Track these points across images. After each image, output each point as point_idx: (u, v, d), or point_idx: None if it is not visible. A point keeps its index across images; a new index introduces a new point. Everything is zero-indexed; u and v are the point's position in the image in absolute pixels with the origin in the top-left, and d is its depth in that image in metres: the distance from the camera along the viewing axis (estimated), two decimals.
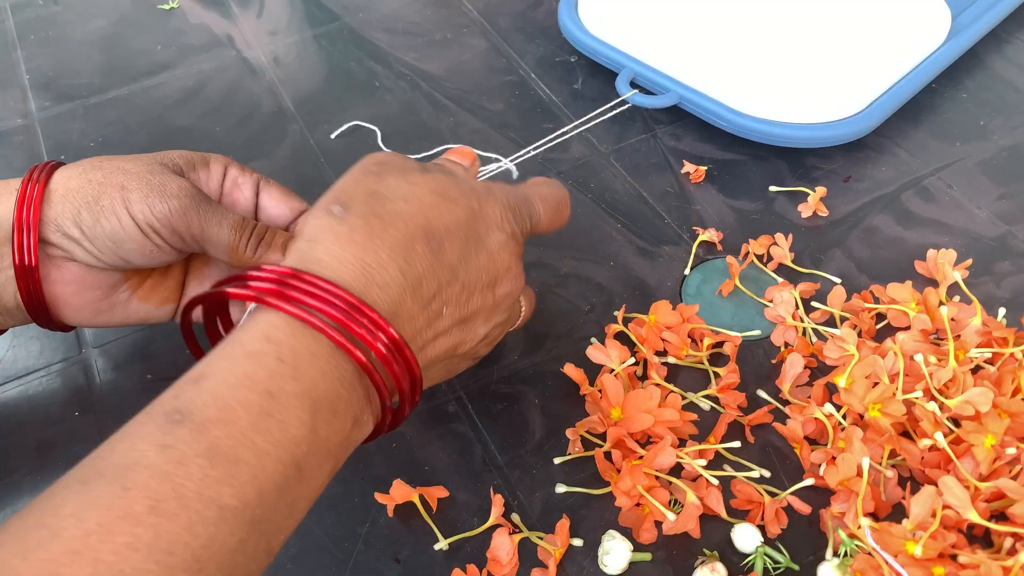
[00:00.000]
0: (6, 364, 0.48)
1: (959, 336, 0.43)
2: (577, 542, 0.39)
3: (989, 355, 0.42)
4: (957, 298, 0.46)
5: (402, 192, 0.34)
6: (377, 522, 0.40)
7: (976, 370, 0.42)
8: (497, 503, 0.39)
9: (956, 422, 0.40)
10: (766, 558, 0.37)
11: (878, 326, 0.46)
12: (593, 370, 0.44)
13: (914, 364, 0.41)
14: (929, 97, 0.61)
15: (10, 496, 0.42)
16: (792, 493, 0.39)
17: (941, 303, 0.45)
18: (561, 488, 0.41)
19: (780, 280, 0.49)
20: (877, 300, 0.47)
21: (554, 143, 0.56)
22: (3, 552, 0.24)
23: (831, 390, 0.43)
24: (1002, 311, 0.46)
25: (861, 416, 0.41)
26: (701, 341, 0.46)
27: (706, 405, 0.44)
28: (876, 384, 0.41)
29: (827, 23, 0.60)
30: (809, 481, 0.40)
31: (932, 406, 0.39)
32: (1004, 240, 0.51)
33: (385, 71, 0.67)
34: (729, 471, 0.40)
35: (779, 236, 0.50)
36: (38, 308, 0.40)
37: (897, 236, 0.52)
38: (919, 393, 0.40)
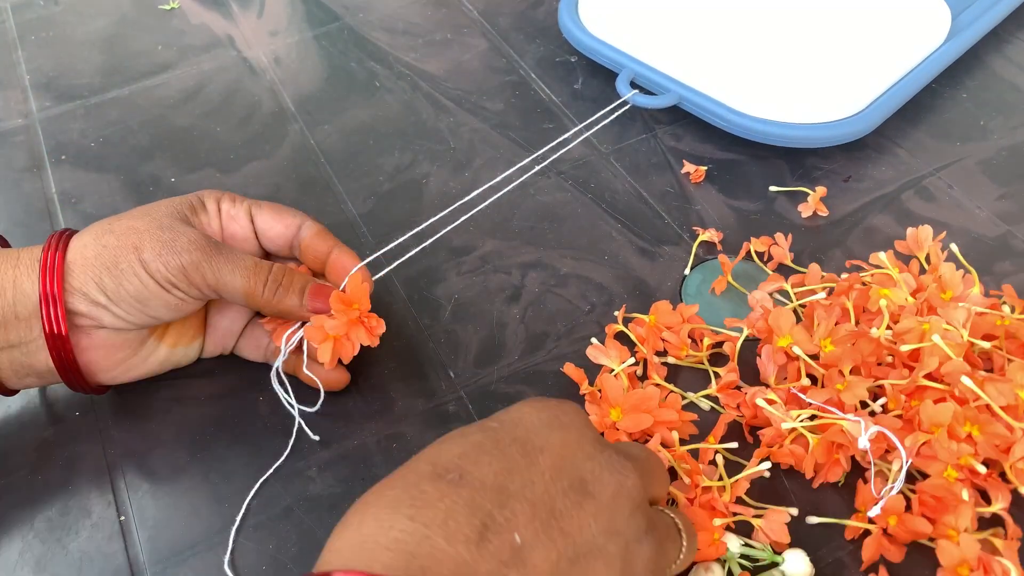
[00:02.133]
0: None
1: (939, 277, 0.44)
2: None
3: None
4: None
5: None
6: None
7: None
8: None
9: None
10: (743, 559, 0.37)
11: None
12: (593, 370, 0.44)
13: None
14: (929, 97, 0.61)
15: (10, 496, 0.42)
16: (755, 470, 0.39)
17: (923, 270, 0.46)
18: None
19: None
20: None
21: (553, 144, 0.56)
22: None
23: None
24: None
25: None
26: (701, 341, 0.46)
27: (706, 405, 0.44)
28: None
29: (827, 23, 0.60)
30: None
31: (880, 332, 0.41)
32: (1004, 240, 0.51)
33: (385, 71, 0.67)
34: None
35: (779, 236, 0.50)
36: (71, 373, 0.41)
37: (897, 236, 0.51)
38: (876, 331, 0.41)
